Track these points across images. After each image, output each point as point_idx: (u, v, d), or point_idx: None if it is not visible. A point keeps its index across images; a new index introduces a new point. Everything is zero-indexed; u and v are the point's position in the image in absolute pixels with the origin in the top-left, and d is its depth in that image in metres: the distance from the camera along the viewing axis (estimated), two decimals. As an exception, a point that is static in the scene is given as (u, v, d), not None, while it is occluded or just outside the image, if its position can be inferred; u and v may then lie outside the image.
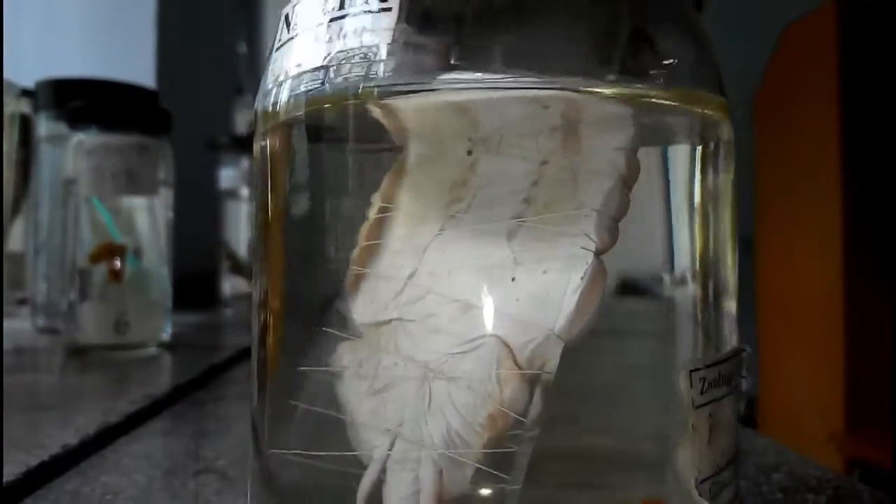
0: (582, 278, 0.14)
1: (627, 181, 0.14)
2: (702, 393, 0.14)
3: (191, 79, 1.10)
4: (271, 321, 0.17)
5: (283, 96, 0.16)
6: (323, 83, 0.15)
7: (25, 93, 0.72)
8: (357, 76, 0.15)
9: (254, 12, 1.80)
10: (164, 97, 0.74)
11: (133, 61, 1.03)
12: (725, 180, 0.17)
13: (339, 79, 0.15)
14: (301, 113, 0.16)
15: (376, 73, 0.15)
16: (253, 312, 0.18)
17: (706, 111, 0.17)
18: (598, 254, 0.14)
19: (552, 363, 0.14)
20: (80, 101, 0.60)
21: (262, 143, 0.18)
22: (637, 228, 0.16)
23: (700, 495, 0.14)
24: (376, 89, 0.15)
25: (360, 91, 0.15)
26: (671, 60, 0.16)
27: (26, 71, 0.74)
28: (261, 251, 0.18)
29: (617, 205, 0.14)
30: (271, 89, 0.17)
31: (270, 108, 0.17)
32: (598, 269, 0.14)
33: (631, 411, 0.16)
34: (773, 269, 1.90)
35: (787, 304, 1.82)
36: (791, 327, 1.80)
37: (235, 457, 0.28)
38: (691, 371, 0.14)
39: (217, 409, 0.38)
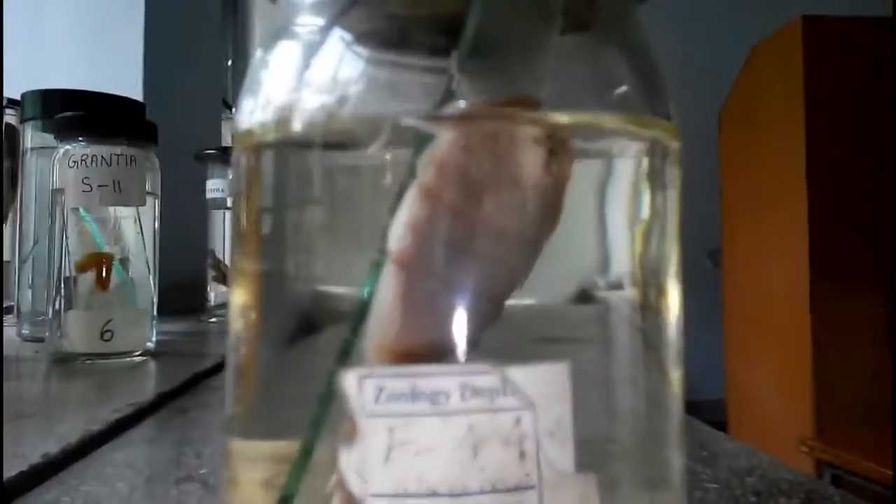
0: (376, 287, 0.15)
1: (432, 191, 0.14)
2: (376, 402, 0.14)
3: (178, 90, 1.10)
4: (244, 333, 0.17)
5: (260, 115, 0.17)
6: (298, 103, 0.16)
7: (12, 103, 0.72)
8: (332, 98, 0.15)
9: (241, 25, 1.80)
10: (151, 109, 0.74)
11: (121, 73, 1.03)
12: (670, 195, 0.18)
13: (315, 99, 0.16)
14: (277, 133, 0.17)
15: (351, 95, 0.15)
16: (228, 323, 0.18)
17: (653, 133, 0.17)
18: (396, 263, 0.14)
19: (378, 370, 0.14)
20: (67, 112, 0.60)
21: (239, 160, 0.18)
22: (580, 240, 0.17)
23: None
24: (351, 110, 0.15)
25: (334, 113, 0.15)
26: (621, 83, 0.17)
27: (13, 81, 0.74)
28: (235, 262, 0.18)
29: (412, 213, 0.14)
30: (249, 106, 0.17)
31: (247, 126, 0.17)
32: (393, 277, 0.14)
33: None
34: (740, 277, 1.92)
35: (754, 312, 1.84)
36: (759, 334, 1.82)
37: (218, 465, 0.28)
38: (361, 377, 0.14)
39: (201, 417, 0.38)
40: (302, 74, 0.16)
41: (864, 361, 1.54)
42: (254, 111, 0.17)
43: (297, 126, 0.16)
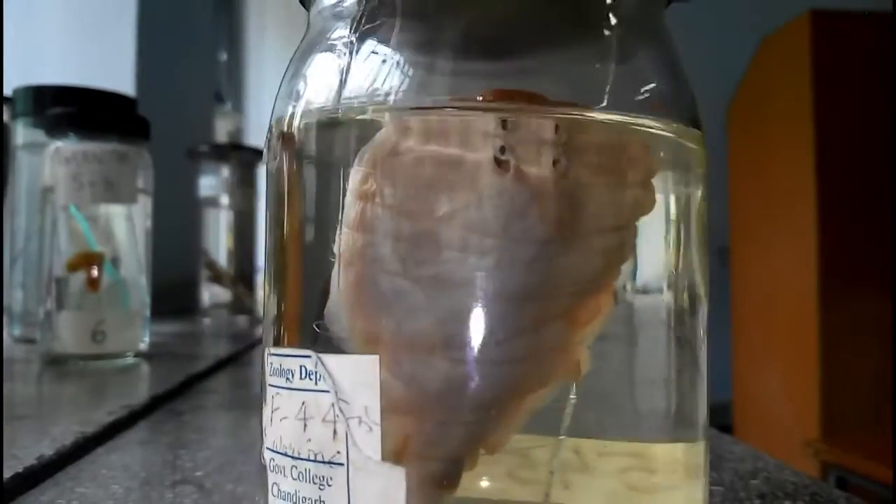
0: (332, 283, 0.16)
1: (361, 196, 0.16)
2: (270, 375, 0.17)
3: (171, 86, 1.10)
4: (285, 335, 0.18)
5: (299, 118, 0.18)
6: (337, 108, 0.17)
7: (3, 99, 0.71)
8: (369, 99, 0.16)
9: (234, 20, 1.79)
10: (143, 105, 0.74)
11: (113, 68, 1.03)
12: (697, 201, 0.18)
13: (354, 102, 0.17)
14: (313, 136, 0.18)
15: (388, 96, 0.16)
16: (265, 325, 0.19)
17: (681, 140, 0.18)
18: (341, 259, 0.16)
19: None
20: (58, 108, 0.59)
21: (275, 162, 0.19)
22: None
23: (262, 459, 0.17)
24: (388, 112, 0.16)
25: (370, 112, 0.16)
26: (650, 88, 0.17)
27: (3, 77, 0.74)
28: (273, 265, 0.19)
29: (348, 215, 0.16)
30: (286, 110, 0.18)
31: (285, 128, 0.18)
32: (341, 273, 0.16)
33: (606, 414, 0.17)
34: (748, 277, 1.93)
35: (762, 312, 1.85)
36: (766, 335, 1.82)
37: (213, 467, 0.28)
38: (268, 353, 0.17)
39: (195, 420, 0.38)
40: (340, 80, 0.17)
41: (872, 364, 1.54)
42: (294, 116, 0.18)
43: (336, 129, 0.17)
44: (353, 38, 0.17)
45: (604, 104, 0.16)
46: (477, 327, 0.15)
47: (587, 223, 0.16)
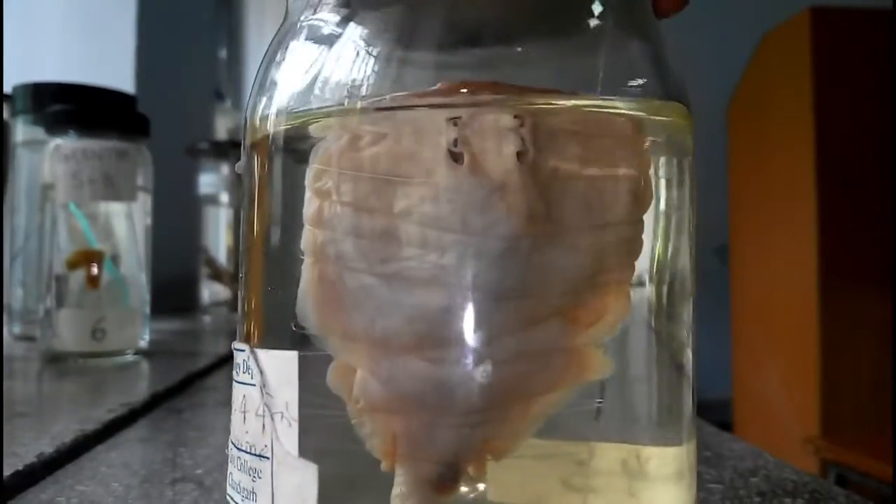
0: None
1: (318, 193, 0.16)
2: (234, 369, 0.17)
3: (170, 83, 1.09)
4: (255, 332, 0.18)
5: (271, 111, 0.17)
6: (309, 101, 0.16)
7: (2, 97, 0.71)
8: (343, 94, 0.16)
9: (234, 17, 1.79)
10: (143, 102, 0.74)
11: (112, 66, 1.03)
12: (684, 189, 0.18)
13: (326, 96, 0.16)
14: (284, 129, 0.17)
15: (361, 90, 0.16)
16: (238, 320, 0.19)
17: (667, 130, 0.17)
18: (307, 256, 0.16)
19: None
20: (58, 105, 0.59)
21: (249, 156, 0.18)
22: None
23: (228, 450, 0.18)
24: (360, 104, 0.16)
25: (345, 107, 0.16)
26: (634, 76, 0.17)
27: (3, 75, 0.73)
28: (245, 262, 0.18)
29: (307, 212, 0.16)
30: (259, 102, 0.18)
31: (258, 122, 0.18)
32: (307, 270, 0.16)
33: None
34: (748, 275, 1.92)
35: (762, 310, 1.85)
36: (766, 332, 1.82)
37: (213, 465, 0.28)
38: (234, 347, 0.17)
39: (195, 418, 0.38)
40: (315, 73, 0.17)
41: (872, 361, 1.54)
42: (268, 110, 0.17)
43: (309, 123, 0.16)
44: (329, 27, 0.17)
45: (589, 91, 0.16)
46: (452, 326, 0.14)
47: (570, 218, 0.15)
